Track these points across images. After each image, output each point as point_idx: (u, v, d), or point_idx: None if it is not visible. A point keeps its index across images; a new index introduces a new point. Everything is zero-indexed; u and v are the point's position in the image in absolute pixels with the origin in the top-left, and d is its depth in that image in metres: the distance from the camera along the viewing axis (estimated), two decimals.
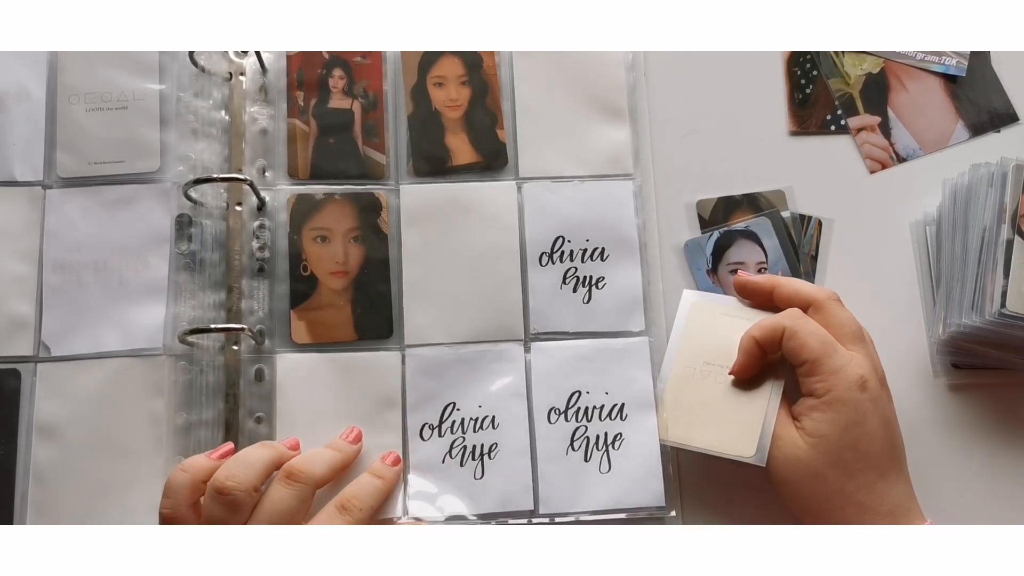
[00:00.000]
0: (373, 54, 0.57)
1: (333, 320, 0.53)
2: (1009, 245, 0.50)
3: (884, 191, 0.58)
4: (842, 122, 0.59)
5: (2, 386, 0.52)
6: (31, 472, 0.51)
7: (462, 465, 0.51)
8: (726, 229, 0.56)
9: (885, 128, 0.59)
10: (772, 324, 0.49)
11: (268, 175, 0.55)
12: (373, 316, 0.53)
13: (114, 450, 0.51)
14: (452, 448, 0.52)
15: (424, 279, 0.54)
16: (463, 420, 0.52)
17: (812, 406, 0.47)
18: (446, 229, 0.55)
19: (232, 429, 0.51)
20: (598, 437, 0.52)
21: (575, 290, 0.54)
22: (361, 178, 0.55)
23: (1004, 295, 0.49)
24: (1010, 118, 0.59)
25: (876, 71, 0.60)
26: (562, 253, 0.55)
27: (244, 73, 0.56)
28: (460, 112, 0.57)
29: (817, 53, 0.60)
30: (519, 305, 0.54)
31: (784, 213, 0.57)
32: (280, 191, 0.55)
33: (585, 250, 0.55)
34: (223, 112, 0.56)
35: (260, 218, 0.54)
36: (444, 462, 0.51)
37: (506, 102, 0.57)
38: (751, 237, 0.56)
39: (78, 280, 0.53)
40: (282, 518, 0.45)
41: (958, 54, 0.60)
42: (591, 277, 0.54)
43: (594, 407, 0.52)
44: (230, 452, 0.49)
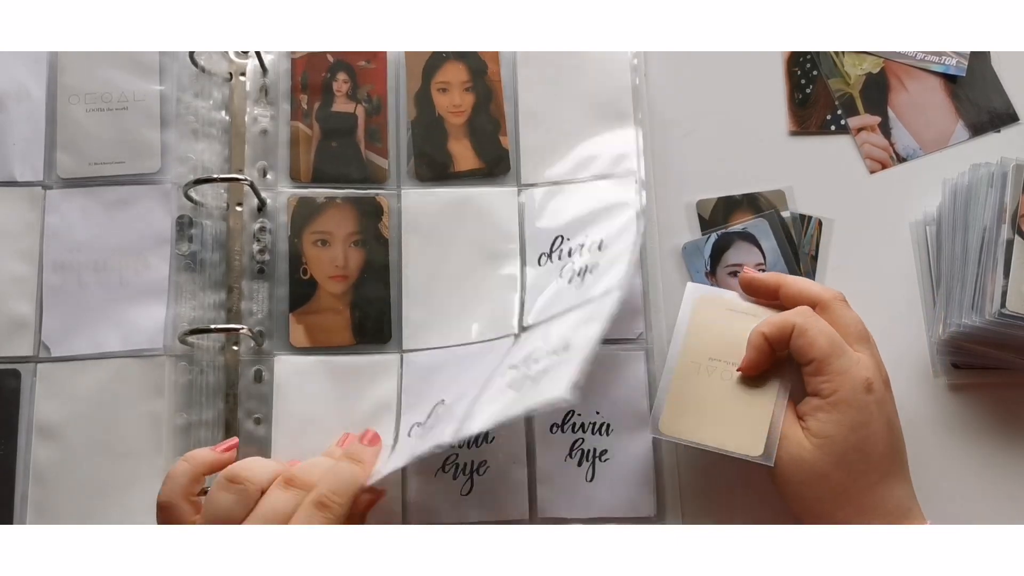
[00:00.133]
0: (377, 57, 0.57)
1: (332, 324, 0.53)
2: (1009, 245, 0.50)
3: (884, 191, 0.58)
4: (842, 122, 0.59)
5: (2, 386, 0.52)
6: (31, 472, 0.51)
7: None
8: (724, 231, 0.56)
9: (885, 128, 0.59)
10: (782, 320, 0.48)
11: (269, 176, 0.55)
12: (372, 321, 0.53)
13: (114, 450, 0.51)
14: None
15: (424, 284, 0.54)
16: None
17: (817, 406, 0.47)
18: (447, 234, 0.54)
19: (231, 430, 0.51)
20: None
21: (576, 290, 0.54)
22: (363, 182, 0.55)
23: (1004, 295, 0.49)
24: (1010, 118, 0.59)
25: (876, 71, 0.60)
26: (560, 252, 0.54)
27: (244, 73, 0.56)
28: (463, 118, 0.56)
29: (817, 53, 0.60)
30: (519, 308, 0.53)
31: (784, 213, 0.57)
32: (281, 192, 0.55)
33: (583, 244, 0.54)
34: (223, 113, 0.56)
35: (260, 219, 0.54)
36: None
37: (508, 104, 0.57)
38: (749, 239, 0.56)
39: (78, 280, 0.53)
40: (276, 521, 0.44)
41: (958, 54, 0.60)
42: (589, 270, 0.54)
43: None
44: (234, 446, 0.49)
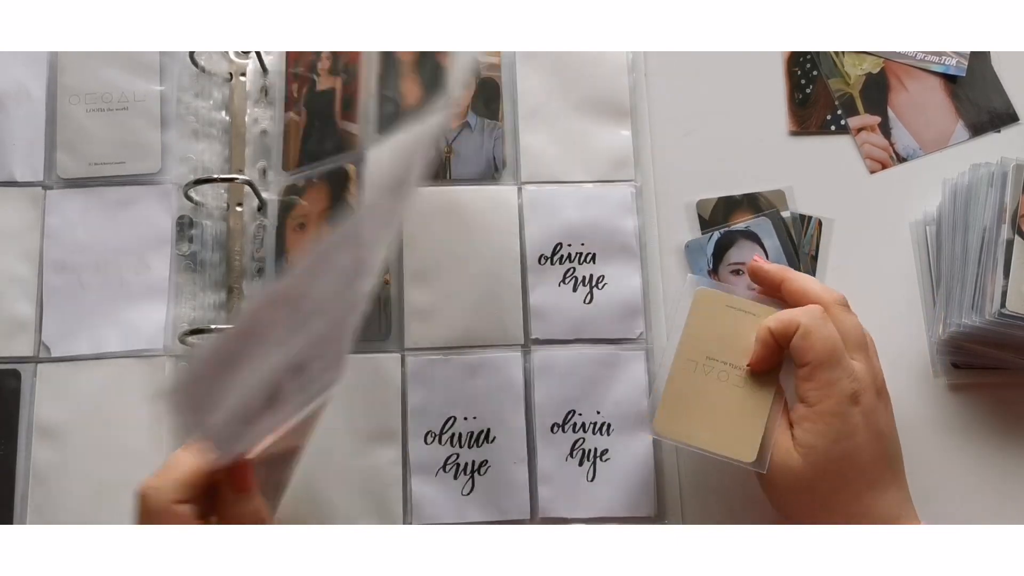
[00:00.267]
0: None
1: None
2: (1009, 245, 0.50)
3: (884, 191, 0.58)
4: (842, 122, 0.59)
5: (2, 386, 0.52)
6: (31, 472, 0.51)
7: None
8: (727, 229, 0.56)
9: (885, 128, 0.59)
10: (789, 318, 0.47)
11: (269, 176, 0.55)
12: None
13: (114, 451, 0.51)
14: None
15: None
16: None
17: (804, 415, 0.46)
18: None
19: None
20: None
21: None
22: (336, 153, 0.54)
23: (1004, 295, 0.49)
24: (1010, 118, 0.59)
25: (876, 71, 0.60)
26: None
27: (244, 74, 0.56)
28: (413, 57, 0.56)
29: (817, 53, 0.60)
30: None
31: (784, 213, 0.57)
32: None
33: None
34: (223, 113, 0.56)
35: (260, 219, 0.54)
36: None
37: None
38: (752, 237, 0.56)
39: (79, 281, 0.53)
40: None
41: (958, 54, 0.60)
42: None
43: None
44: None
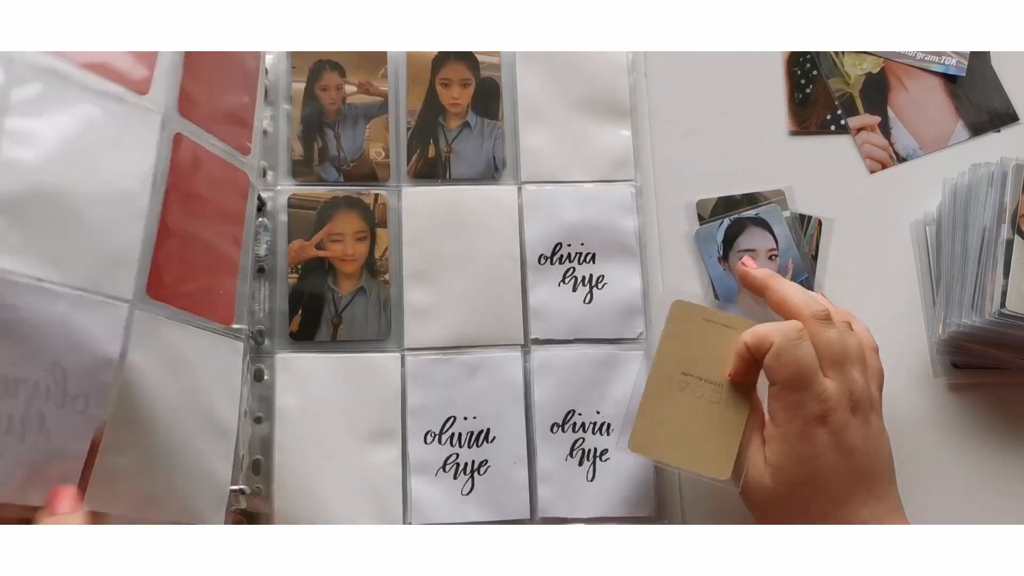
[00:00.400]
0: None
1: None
2: (1009, 245, 0.50)
3: (884, 191, 0.58)
4: (842, 122, 0.59)
5: None
6: None
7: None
8: (736, 217, 0.56)
9: (885, 128, 0.59)
10: (763, 335, 0.46)
11: (269, 176, 0.55)
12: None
13: None
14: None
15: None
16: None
17: (772, 435, 0.46)
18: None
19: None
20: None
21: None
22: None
23: (1004, 295, 0.49)
24: (1010, 118, 0.59)
25: (876, 71, 0.60)
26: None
27: None
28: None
29: (817, 53, 0.60)
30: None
31: (784, 213, 0.57)
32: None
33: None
34: None
35: (260, 219, 0.54)
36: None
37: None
38: (762, 224, 0.56)
39: None
40: None
41: (958, 54, 0.60)
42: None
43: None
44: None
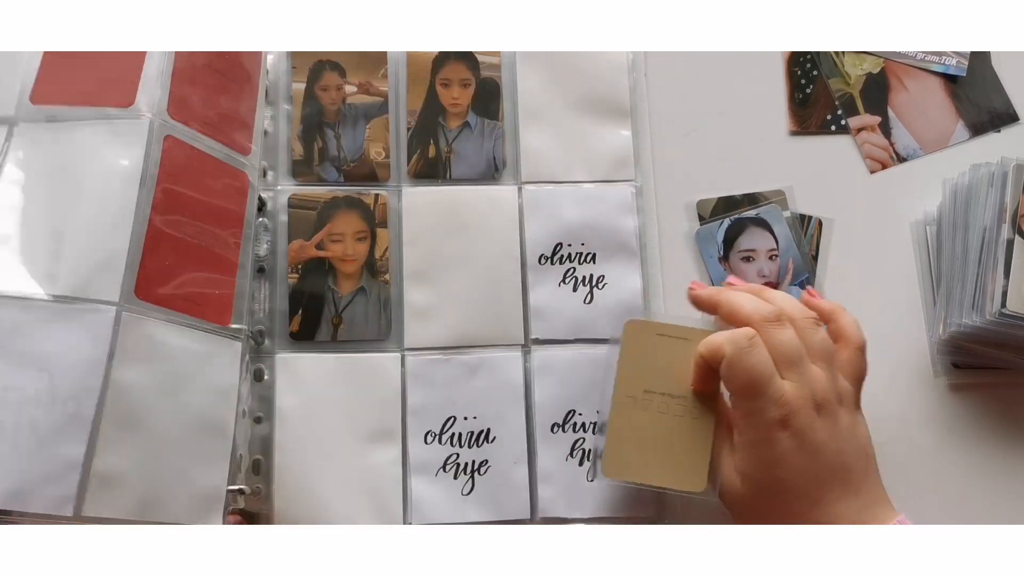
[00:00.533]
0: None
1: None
2: (1009, 245, 0.50)
3: (884, 191, 0.58)
4: (842, 122, 0.59)
5: None
6: None
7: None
8: (736, 217, 0.56)
9: (885, 128, 0.59)
10: (716, 345, 0.45)
11: (269, 176, 0.55)
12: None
13: None
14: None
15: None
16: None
17: (738, 443, 0.46)
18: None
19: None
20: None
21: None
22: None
23: (1004, 295, 0.49)
24: (1010, 118, 0.59)
25: (876, 71, 0.60)
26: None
27: None
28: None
29: (817, 53, 0.60)
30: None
31: (784, 213, 0.57)
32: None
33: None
34: None
35: (260, 219, 0.54)
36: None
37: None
38: (762, 224, 0.56)
39: None
40: None
41: (958, 54, 0.60)
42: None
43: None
44: None
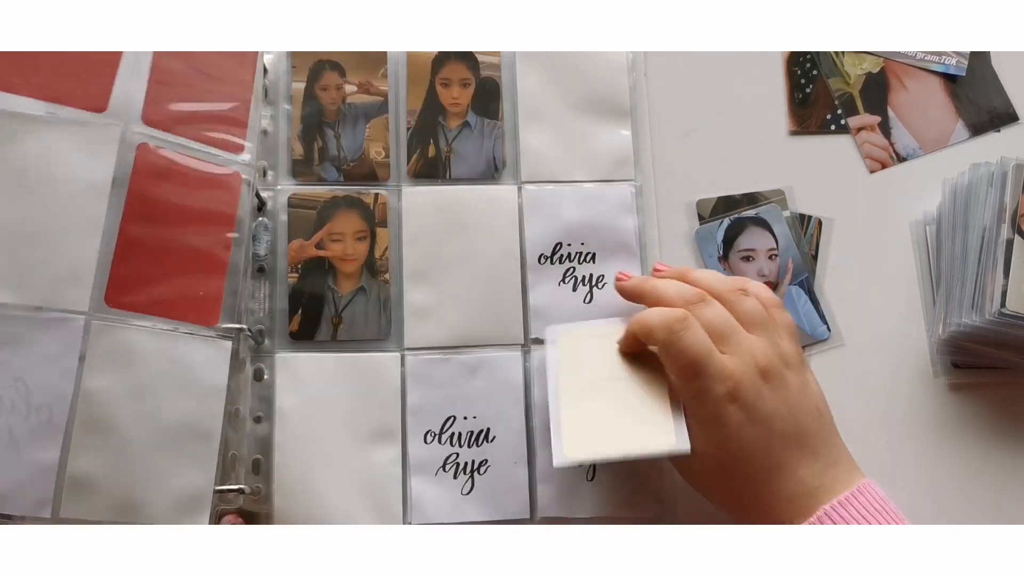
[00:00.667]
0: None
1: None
2: (1009, 245, 0.50)
3: (884, 191, 0.58)
4: (842, 122, 0.59)
5: None
6: None
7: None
8: (736, 216, 0.56)
9: (885, 128, 0.59)
10: (648, 328, 0.46)
11: (269, 176, 0.55)
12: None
13: None
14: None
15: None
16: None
17: (691, 423, 0.46)
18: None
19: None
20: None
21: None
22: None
23: (1004, 295, 0.50)
24: (1010, 118, 0.59)
25: (876, 71, 0.60)
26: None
27: None
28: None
29: (817, 53, 0.60)
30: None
31: (784, 213, 0.57)
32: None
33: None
34: None
35: (261, 218, 0.54)
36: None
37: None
38: (762, 224, 0.56)
39: None
40: None
41: (958, 54, 0.60)
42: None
43: None
44: None
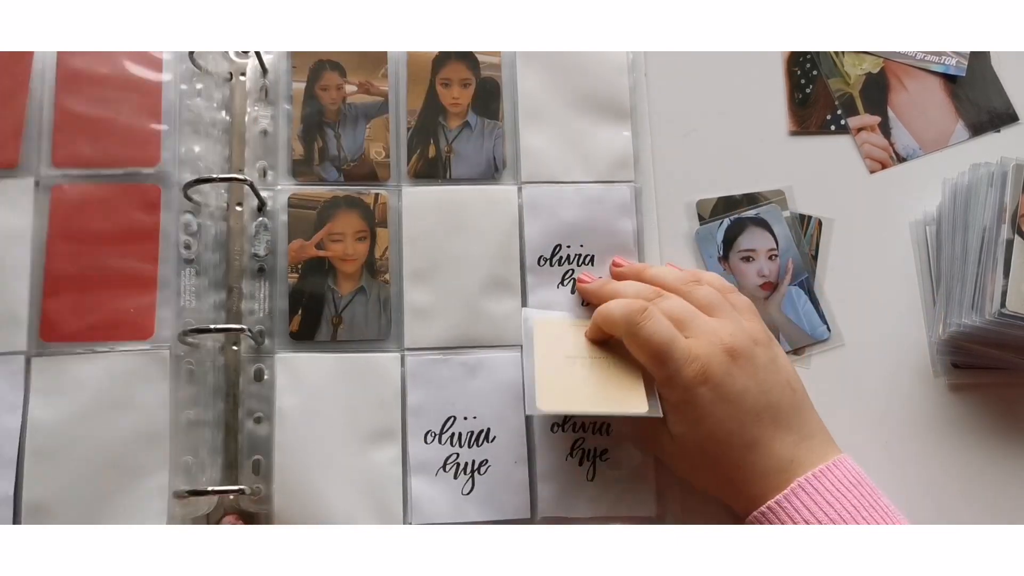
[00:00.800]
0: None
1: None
2: (1009, 245, 0.51)
3: (884, 191, 0.58)
4: (842, 122, 0.59)
5: None
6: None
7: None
8: (736, 216, 0.56)
9: (885, 128, 0.59)
10: (613, 321, 0.48)
11: (269, 176, 0.55)
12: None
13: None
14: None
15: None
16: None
17: (666, 408, 0.48)
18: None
19: (232, 429, 0.52)
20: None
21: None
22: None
23: (1004, 295, 0.50)
24: (1010, 118, 0.59)
25: (876, 71, 0.60)
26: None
27: (244, 74, 0.56)
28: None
29: (817, 53, 0.60)
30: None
31: (784, 213, 0.57)
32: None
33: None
34: (224, 113, 0.56)
35: (261, 219, 0.54)
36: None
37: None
38: (762, 224, 0.56)
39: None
40: None
41: (958, 54, 0.60)
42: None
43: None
44: None
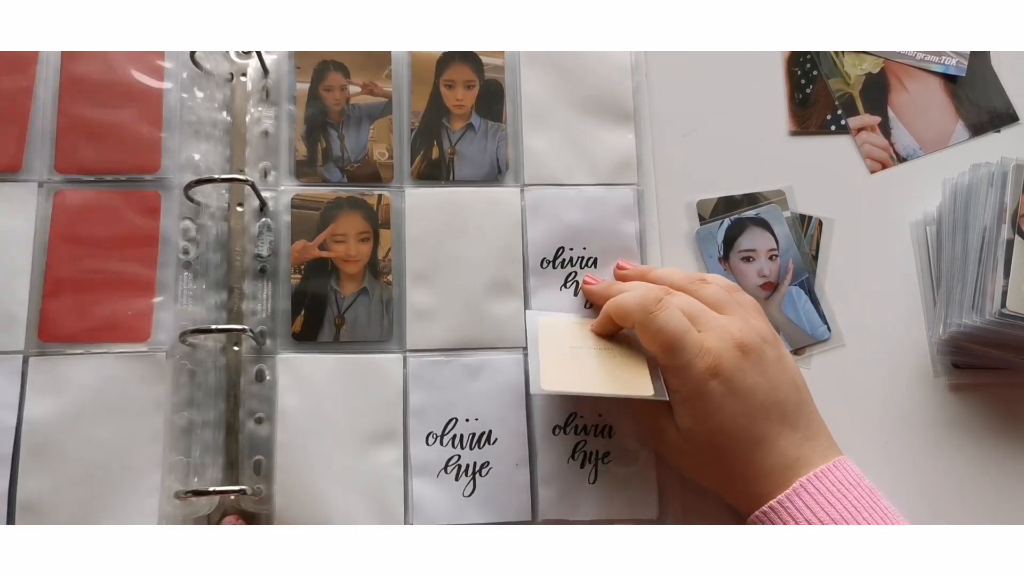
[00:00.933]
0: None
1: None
2: (1009, 245, 0.51)
3: (884, 191, 0.58)
4: (842, 122, 0.59)
5: None
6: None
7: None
8: (737, 217, 0.56)
9: (885, 128, 0.59)
10: (625, 311, 0.48)
11: (270, 177, 0.55)
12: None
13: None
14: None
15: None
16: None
17: (675, 400, 0.48)
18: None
19: (233, 429, 0.52)
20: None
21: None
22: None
23: (1004, 295, 0.50)
24: (1010, 118, 0.59)
25: (876, 71, 0.60)
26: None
27: (245, 74, 0.56)
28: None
29: (817, 53, 0.60)
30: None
31: (784, 213, 0.57)
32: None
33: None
34: (225, 113, 0.56)
35: (264, 219, 0.54)
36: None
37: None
38: (762, 224, 0.56)
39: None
40: None
41: (958, 54, 0.60)
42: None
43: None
44: None
